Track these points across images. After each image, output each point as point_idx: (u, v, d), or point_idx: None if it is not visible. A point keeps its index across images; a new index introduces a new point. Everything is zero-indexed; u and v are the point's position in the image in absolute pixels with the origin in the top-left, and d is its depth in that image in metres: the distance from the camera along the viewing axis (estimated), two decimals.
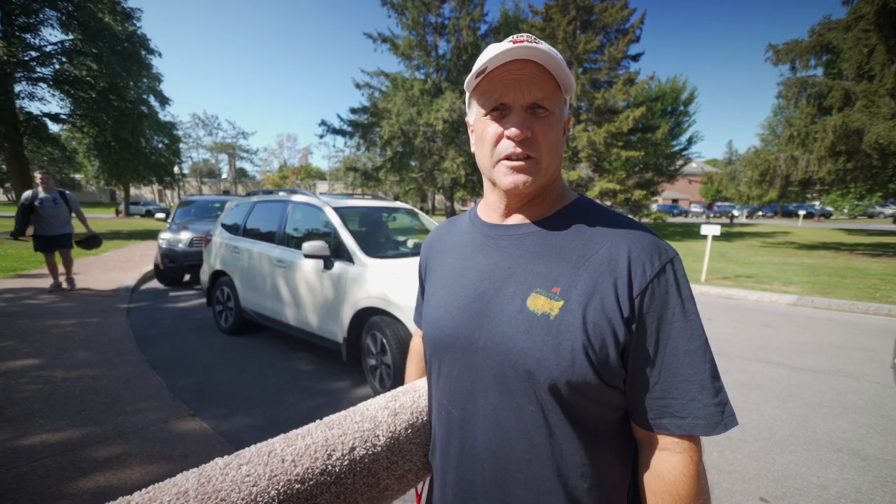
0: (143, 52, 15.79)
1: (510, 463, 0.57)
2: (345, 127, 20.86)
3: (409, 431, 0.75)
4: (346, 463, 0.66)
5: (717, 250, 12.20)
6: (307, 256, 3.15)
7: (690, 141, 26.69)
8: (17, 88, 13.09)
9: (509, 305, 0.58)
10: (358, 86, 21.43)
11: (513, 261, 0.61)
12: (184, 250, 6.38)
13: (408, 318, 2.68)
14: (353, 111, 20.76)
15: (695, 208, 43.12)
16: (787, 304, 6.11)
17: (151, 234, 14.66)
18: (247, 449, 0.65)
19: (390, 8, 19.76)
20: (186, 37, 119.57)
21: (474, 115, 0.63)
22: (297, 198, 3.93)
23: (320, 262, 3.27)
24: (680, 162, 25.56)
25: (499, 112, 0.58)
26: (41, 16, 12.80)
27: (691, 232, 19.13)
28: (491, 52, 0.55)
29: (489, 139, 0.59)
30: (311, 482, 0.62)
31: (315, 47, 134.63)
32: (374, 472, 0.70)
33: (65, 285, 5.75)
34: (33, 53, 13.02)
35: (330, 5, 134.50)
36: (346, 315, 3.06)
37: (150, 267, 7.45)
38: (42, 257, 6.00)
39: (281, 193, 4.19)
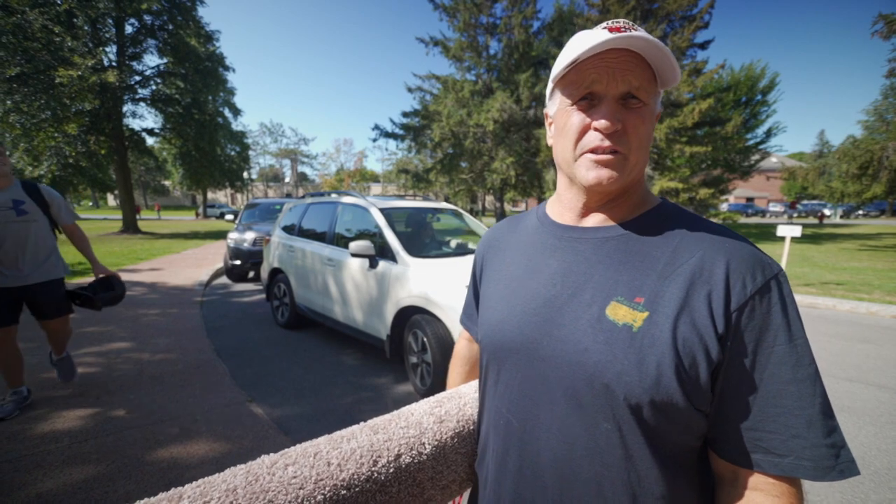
0: (220, 69, 17.52)
1: (577, 483, 0.52)
2: (397, 130, 21.50)
3: (455, 440, 0.72)
4: (391, 471, 0.64)
5: (799, 254, 10.85)
6: (354, 255, 3.29)
7: (769, 133, 23.99)
8: (125, 109, 15.16)
9: (585, 313, 0.53)
10: (410, 90, 21.98)
11: (590, 266, 0.56)
12: (248, 249, 6.95)
13: (448, 318, 2.69)
14: (405, 115, 21.32)
15: (774, 207, 38.62)
16: (892, 317, 5.27)
17: (224, 234, 16.19)
18: (292, 448, 0.64)
19: (442, 11, 20.03)
20: (254, 50, 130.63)
21: (556, 105, 0.59)
22: (346, 199, 4.11)
23: (366, 261, 3.39)
24: (756, 157, 23.14)
25: (587, 102, 0.54)
26: (144, 45, 14.74)
27: (767, 233, 17.19)
28: (584, 42, 0.50)
29: (573, 130, 0.55)
30: (356, 489, 0.60)
31: (370, 54, 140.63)
32: (420, 481, 0.67)
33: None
34: (137, 77, 15.00)
35: (384, 13, 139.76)
36: (390, 313, 3.14)
37: (221, 264, 8.20)
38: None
39: (332, 195, 4.41)
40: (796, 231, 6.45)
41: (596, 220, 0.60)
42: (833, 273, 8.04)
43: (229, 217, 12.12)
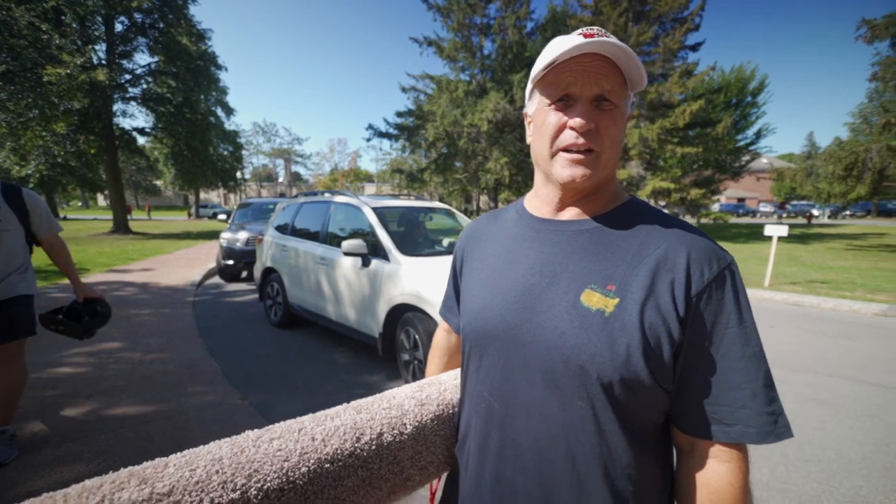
0: (213, 68, 17.39)
1: (555, 459, 0.56)
2: (391, 130, 21.47)
3: (435, 423, 0.75)
4: (373, 447, 0.66)
5: (788, 253, 11.04)
6: (346, 254, 3.31)
7: (759, 134, 24.32)
8: (115, 108, 15.00)
9: (562, 300, 0.57)
10: (404, 89, 21.97)
11: (565, 256, 0.60)
12: (241, 249, 6.93)
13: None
14: (399, 114, 21.31)
15: (764, 208, 39.17)
16: (873, 314, 5.40)
17: (216, 235, 16.07)
18: (277, 425, 0.65)
19: (436, 11, 20.05)
20: (246, 50, 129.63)
21: (535, 105, 0.62)
22: (338, 199, 4.13)
23: (359, 260, 3.42)
24: (746, 158, 23.45)
25: (563, 103, 0.58)
26: (134, 43, 14.60)
27: (757, 233, 17.44)
28: (561, 46, 0.55)
29: (550, 128, 0.58)
30: (339, 462, 0.62)
31: (363, 54, 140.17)
32: (400, 460, 0.69)
33: None
34: (127, 76, 14.85)
35: (378, 13, 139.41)
36: (382, 311, 3.17)
37: (213, 264, 8.17)
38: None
39: (325, 195, 4.43)
40: (783, 231, 6.59)
41: (571, 213, 0.64)
42: (819, 272, 8.20)
43: (222, 217, 12.06)
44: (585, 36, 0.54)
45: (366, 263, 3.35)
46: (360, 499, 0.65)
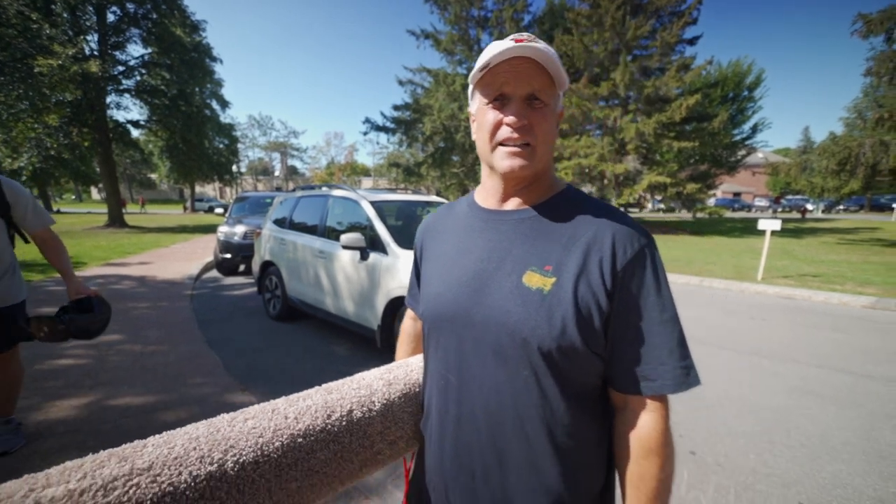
0: (207, 60, 17.19)
1: (506, 423, 0.63)
2: (388, 124, 21.39)
3: (402, 401, 0.80)
4: (344, 423, 0.71)
5: (781, 247, 11.17)
6: (345, 248, 3.34)
7: (755, 129, 24.47)
8: (108, 100, 14.82)
9: (506, 282, 0.64)
10: (401, 83, 21.86)
11: (510, 242, 0.67)
12: (239, 242, 6.94)
13: None
14: (396, 108, 21.22)
15: (759, 202, 39.35)
16: (862, 307, 5.51)
17: (213, 228, 16.01)
18: (251, 407, 0.70)
19: (433, 4, 19.90)
20: (239, 41, 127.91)
21: (476, 104, 0.69)
22: (336, 192, 4.15)
23: (357, 253, 3.45)
24: (742, 152, 23.55)
25: (499, 102, 0.64)
26: (127, 34, 14.40)
27: (751, 228, 17.59)
28: (495, 49, 0.61)
29: (488, 125, 0.65)
30: (311, 437, 0.67)
31: (360, 47, 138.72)
32: (369, 434, 0.74)
33: None
34: (120, 68, 14.66)
35: (374, 5, 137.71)
36: (380, 303, 3.21)
37: (211, 258, 8.16)
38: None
39: (323, 188, 4.44)
40: (776, 225, 6.67)
41: (514, 203, 0.71)
42: (811, 265, 8.32)
43: (219, 210, 12.00)
44: (517, 41, 0.60)
45: (364, 257, 3.39)
46: (333, 471, 0.70)
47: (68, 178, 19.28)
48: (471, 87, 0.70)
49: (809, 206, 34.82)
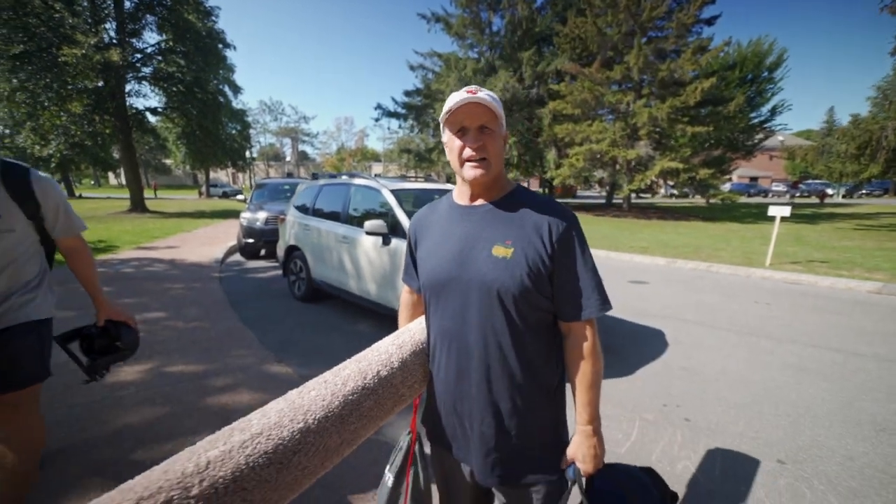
0: (220, 46, 17.33)
1: (489, 346, 0.93)
2: (399, 109, 21.40)
3: (412, 356, 1.07)
4: (376, 380, 0.97)
5: (794, 233, 11.14)
6: (368, 233, 3.61)
7: (774, 111, 23.74)
8: (127, 88, 15.15)
9: (481, 254, 0.93)
10: (412, 68, 21.74)
11: (480, 228, 0.96)
12: (261, 228, 7.26)
13: None
14: (407, 94, 21.18)
15: (776, 187, 38.35)
16: (867, 292, 5.62)
17: (230, 214, 16.46)
18: (309, 382, 0.94)
19: None
20: (251, 26, 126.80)
21: (447, 136, 0.97)
22: (358, 181, 4.39)
23: (379, 239, 3.72)
24: (759, 136, 23.00)
25: (461, 132, 0.93)
26: (143, 21, 14.60)
27: (766, 214, 17.41)
28: (456, 98, 0.90)
29: (456, 149, 0.94)
30: (357, 394, 0.93)
31: (371, 30, 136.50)
32: (394, 384, 1.01)
33: None
34: (138, 55, 14.92)
35: None
36: (401, 285, 3.48)
37: (233, 242, 8.54)
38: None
39: (343, 177, 4.68)
40: (785, 211, 6.73)
41: (479, 201, 1.00)
42: (821, 252, 8.36)
43: (240, 197, 12.45)
44: (469, 92, 0.90)
45: (386, 242, 3.65)
46: (375, 413, 0.97)
47: (88, 164, 19.82)
48: (441, 124, 0.97)
49: (830, 191, 33.95)
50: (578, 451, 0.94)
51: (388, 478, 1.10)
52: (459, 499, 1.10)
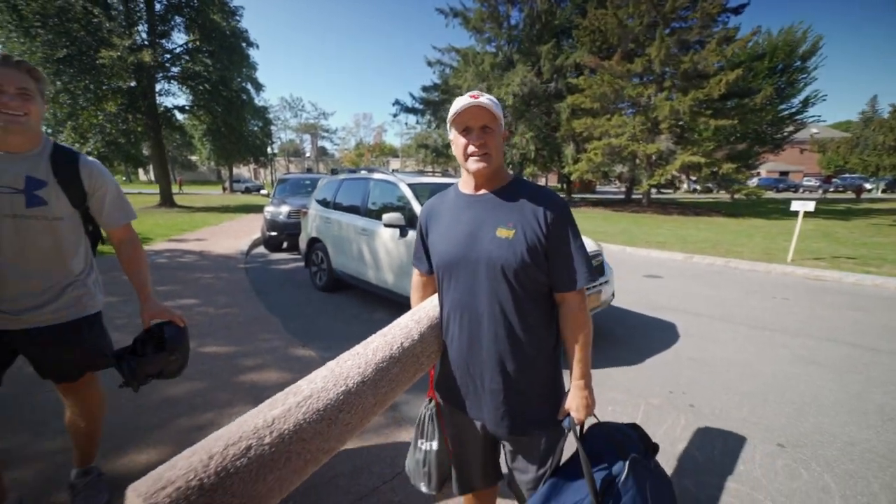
0: (244, 45, 17.85)
1: (496, 314, 1.08)
2: (417, 105, 21.55)
3: (428, 329, 1.22)
4: (400, 351, 1.13)
5: (822, 229, 10.77)
6: (386, 226, 3.78)
7: (806, 102, 22.67)
8: (157, 87, 15.84)
9: (487, 236, 1.07)
10: (430, 63, 21.82)
11: (484, 213, 1.11)
12: (284, 221, 7.57)
13: None
14: (425, 89, 21.31)
15: (808, 182, 36.63)
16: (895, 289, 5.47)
17: (253, 209, 17.02)
18: (342, 355, 1.11)
19: None
20: (271, 24, 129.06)
21: (453, 134, 1.11)
22: (376, 176, 4.58)
23: (397, 231, 3.89)
24: (790, 128, 22.09)
25: (465, 132, 1.08)
26: (172, 22, 15.22)
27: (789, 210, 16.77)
28: (461, 103, 1.05)
29: (461, 146, 1.09)
30: (386, 362, 1.09)
31: (389, 26, 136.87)
32: (415, 353, 1.16)
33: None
34: (167, 56, 15.57)
35: None
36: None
37: (257, 235, 8.90)
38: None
39: (362, 172, 4.88)
40: (809, 206, 6.58)
41: (483, 190, 1.14)
42: (850, 248, 8.10)
43: (264, 192, 12.93)
44: (472, 97, 1.04)
45: (403, 234, 3.82)
46: (402, 378, 1.13)
47: (120, 160, 20.79)
48: (449, 125, 1.11)
49: (868, 186, 32.29)
50: (573, 402, 1.10)
51: (423, 443, 1.27)
52: (469, 451, 1.27)
